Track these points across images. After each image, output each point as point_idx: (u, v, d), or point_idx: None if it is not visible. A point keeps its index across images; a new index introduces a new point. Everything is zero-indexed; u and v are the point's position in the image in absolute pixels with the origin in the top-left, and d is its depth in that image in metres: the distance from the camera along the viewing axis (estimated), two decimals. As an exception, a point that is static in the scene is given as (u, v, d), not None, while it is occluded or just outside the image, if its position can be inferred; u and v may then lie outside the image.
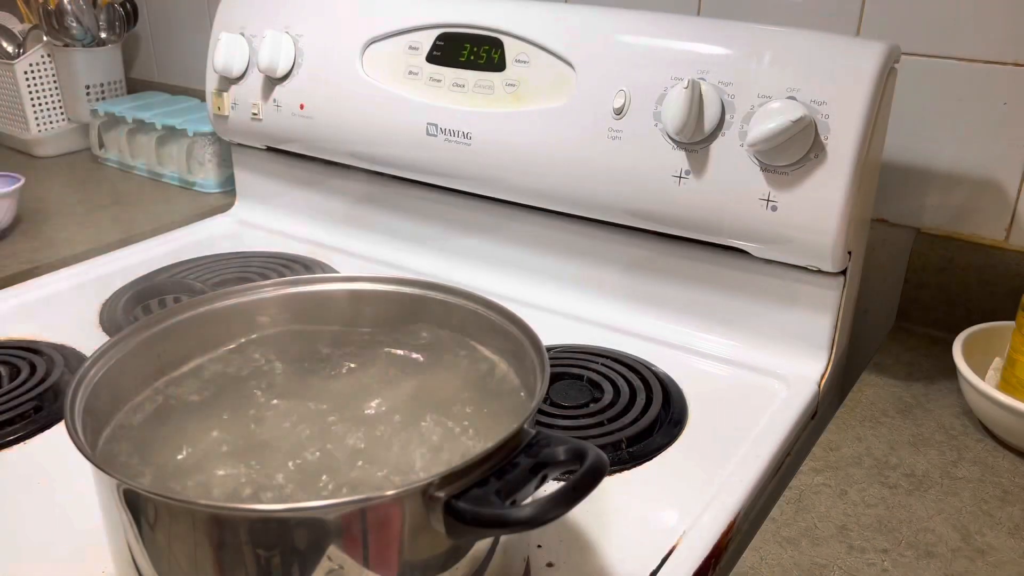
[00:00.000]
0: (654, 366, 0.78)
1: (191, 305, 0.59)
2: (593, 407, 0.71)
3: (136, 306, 0.89)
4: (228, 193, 1.20)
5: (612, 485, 0.63)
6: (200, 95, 1.35)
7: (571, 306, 0.89)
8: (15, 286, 0.94)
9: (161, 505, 0.42)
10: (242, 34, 1.02)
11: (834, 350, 0.78)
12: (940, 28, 0.81)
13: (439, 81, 0.89)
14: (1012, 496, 0.63)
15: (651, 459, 0.67)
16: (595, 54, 0.80)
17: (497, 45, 0.85)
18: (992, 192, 0.83)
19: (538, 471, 0.44)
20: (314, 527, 0.41)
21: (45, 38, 1.34)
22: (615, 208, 0.81)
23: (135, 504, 0.43)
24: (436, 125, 0.88)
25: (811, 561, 0.56)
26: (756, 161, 0.73)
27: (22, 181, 1.06)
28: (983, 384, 0.68)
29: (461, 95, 0.87)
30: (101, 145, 1.34)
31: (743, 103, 0.73)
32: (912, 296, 0.87)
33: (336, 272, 0.95)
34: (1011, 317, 0.74)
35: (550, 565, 0.56)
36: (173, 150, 1.24)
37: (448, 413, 0.55)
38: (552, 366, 0.74)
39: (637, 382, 0.75)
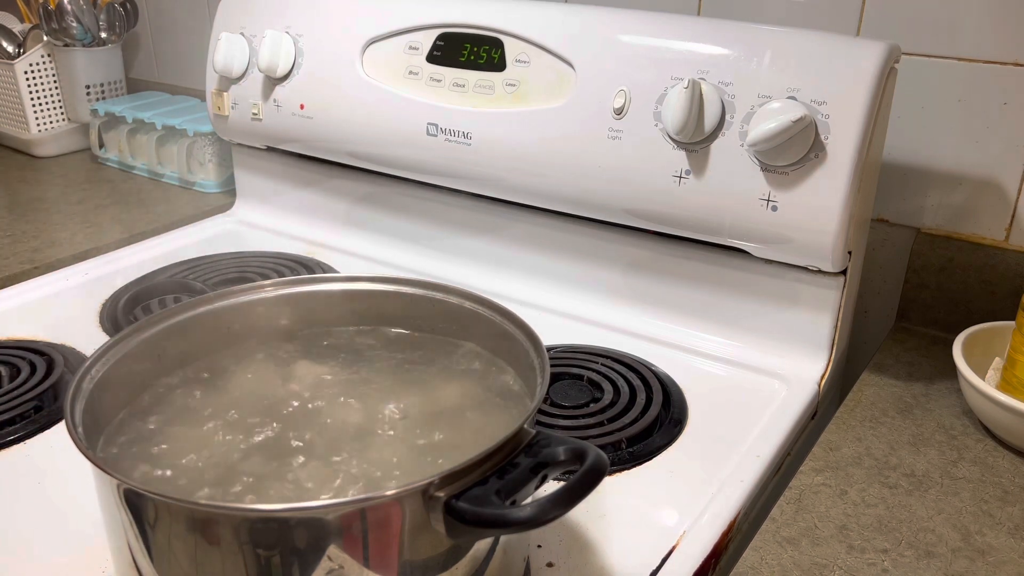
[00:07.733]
0: (654, 366, 0.78)
1: (191, 305, 0.59)
2: (593, 407, 0.71)
3: (136, 306, 0.89)
4: (228, 193, 1.20)
5: (612, 485, 0.63)
6: (200, 95, 1.35)
7: (571, 306, 0.89)
8: (15, 286, 0.94)
9: (161, 505, 0.42)
10: (242, 34, 1.02)
11: (834, 350, 0.78)
12: (940, 28, 0.81)
13: (439, 81, 0.88)
14: (1012, 496, 0.63)
15: (651, 459, 0.67)
16: (595, 54, 0.80)
17: (497, 45, 0.85)
18: (992, 192, 0.83)
19: (538, 471, 0.44)
20: (314, 527, 0.41)
21: (45, 38, 1.34)
22: (615, 208, 0.81)
23: (135, 504, 0.43)
24: (436, 125, 0.88)
25: (811, 561, 0.56)
26: (756, 161, 0.73)
27: None
28: (983, 384, 0.68)
29: (461, 95, 0.87)
30: (101, 145, 1.34)
31: (743, 103, 0.73)
32: (912, 296, 0.87)
33: (336, 272, 0.95)
34: (1011, 317, 0.74)
35: (550, 565, 0.56)
36: (173, 150, 1.24)
37: (448, 412, 0.55)
38: (552, 366, 0.74)
39: (637, 382, 0.75)
